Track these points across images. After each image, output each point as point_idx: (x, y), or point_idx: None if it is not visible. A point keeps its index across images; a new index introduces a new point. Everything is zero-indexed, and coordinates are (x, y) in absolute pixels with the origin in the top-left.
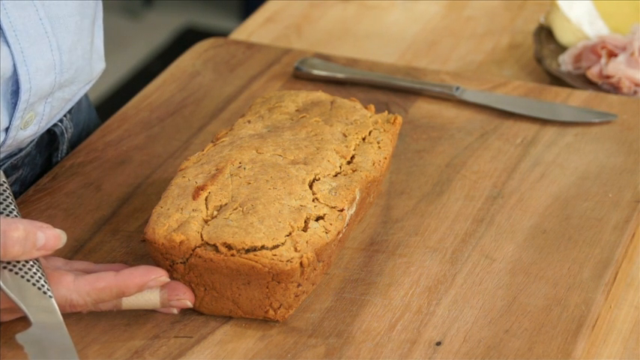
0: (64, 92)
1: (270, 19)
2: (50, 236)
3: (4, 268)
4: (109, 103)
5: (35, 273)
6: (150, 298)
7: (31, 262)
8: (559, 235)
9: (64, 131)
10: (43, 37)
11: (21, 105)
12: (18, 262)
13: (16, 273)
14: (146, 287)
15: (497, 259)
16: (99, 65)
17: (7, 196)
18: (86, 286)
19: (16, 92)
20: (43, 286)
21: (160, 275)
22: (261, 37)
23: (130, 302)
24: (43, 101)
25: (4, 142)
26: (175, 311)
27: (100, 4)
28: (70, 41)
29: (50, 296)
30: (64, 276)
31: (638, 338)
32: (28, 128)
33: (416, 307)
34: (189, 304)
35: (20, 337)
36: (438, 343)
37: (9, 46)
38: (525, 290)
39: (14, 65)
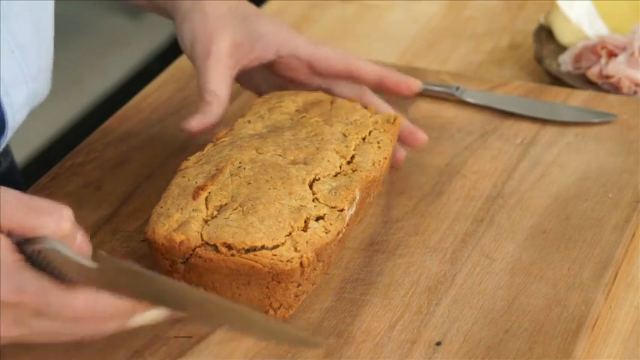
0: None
1: None
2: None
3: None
4: (109, 103)
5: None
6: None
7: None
8: (559, 235)
9: None
10: (18, 72)
11: (2, 143)
12: None
13: None
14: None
15: (497, 259)
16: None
17: None
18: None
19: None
20: None
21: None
22: None
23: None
24: None
25: None
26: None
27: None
28: (35, 68)
29: None
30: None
31: (638, 338)
32: None
33: (416, 307)
34: None
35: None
36: (438, 343)
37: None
38: (525, 290)
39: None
